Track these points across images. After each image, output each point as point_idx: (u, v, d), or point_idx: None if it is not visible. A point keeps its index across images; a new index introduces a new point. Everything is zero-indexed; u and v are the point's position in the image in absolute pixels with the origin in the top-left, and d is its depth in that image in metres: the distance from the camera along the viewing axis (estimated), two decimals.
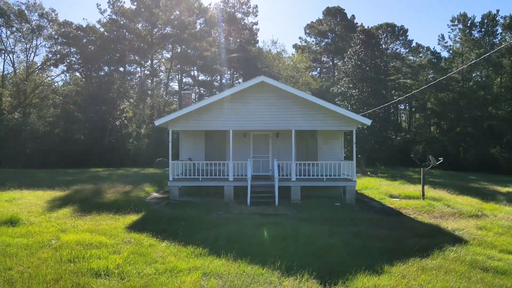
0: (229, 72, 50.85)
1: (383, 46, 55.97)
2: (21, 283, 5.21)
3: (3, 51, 40.20)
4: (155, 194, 14.88)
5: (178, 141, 16.54)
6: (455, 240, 8.25)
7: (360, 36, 29.26)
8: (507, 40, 43.97)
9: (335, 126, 13.81)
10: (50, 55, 38.94)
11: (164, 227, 8.75)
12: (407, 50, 55.54)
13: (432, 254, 7.05)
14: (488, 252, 7.42)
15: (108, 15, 47.44)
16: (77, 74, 45.54)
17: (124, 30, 45.60)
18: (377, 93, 28.23)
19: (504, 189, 19.41)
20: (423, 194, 14.21)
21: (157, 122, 13.33)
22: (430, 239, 8.17)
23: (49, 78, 44.66)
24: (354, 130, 13.73)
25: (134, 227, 8.72)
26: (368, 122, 13.41)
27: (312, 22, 55.39)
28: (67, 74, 46.12)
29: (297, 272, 5.93)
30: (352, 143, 14.03)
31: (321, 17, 54.20)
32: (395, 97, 27.25)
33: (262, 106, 13.44)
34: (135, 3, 47.41)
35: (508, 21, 43.10)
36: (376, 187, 17.14)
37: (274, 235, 8.29)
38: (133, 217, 9.84)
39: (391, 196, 14.92)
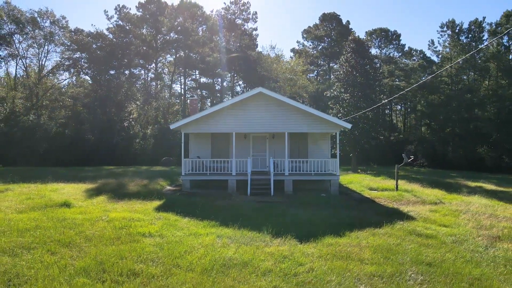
0: (229, 75, 53.35)
1: (378, 50, 58.57)
2: (94, 239, 7.70)
3: (16, 57, 42.70)
4: (168, 187, 17.34)
5: (186, 142, 18.95)
6: (407, 218, 10.77)
7: (351, 45, 31.76)
8: (494, 45, 46.48)
9: (321, 129, 16.30)
10: (63, 61, 41.36)
11: (183, 209, 11.21)
12: (400, 54, 58.03)
13: (383, 226, 9.56)
14: (427, 225, 9.94)
15: (115, 21, 49.96)
16: (86, 77, 48.16)
17: (130, 35, 48.08)
18: (367, 97, 30.70)
19: (473, 184, 21.93)
20: (397, 187, 16.72)
21: (172, 126, 15.82)
22: (388, 217, 10.68)
23: (57, 80, 47.24)
24: (338, 133, 16.24)
25: (160, 209, 11.23)
26: (348, 126, 15.92)
27: (309, 27, 57.86)
28: (74, 77, 48.63)
29: (283, 235, 8.43)
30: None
31: (317, 22, 56.63)
32: (383, 101, 29.68)
33: (260, 112, 15.92)
34: (140, 10, 49.90)
35: (494, 27, 45.60)
36: (360, 182, 19.65)
37: (268, 214, 10.80)
38: (157, 203, 12.34)
39: (371, 189, 17.43)
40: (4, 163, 32.70)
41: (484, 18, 45.43)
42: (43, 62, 44.67)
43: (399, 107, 62.11)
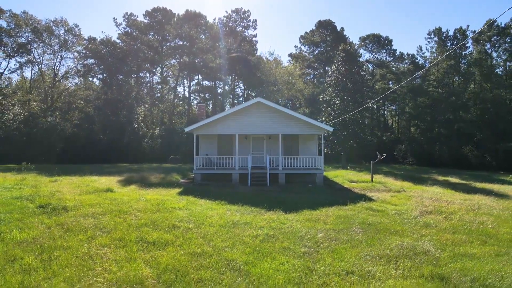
0: (230, 78, 56.71)
1: (371, 54, 61.88)
2: (142, 210, 11.07)
3: (34, 63, 46.10)
4: (182, 180, 20.72)
5: (196, 142, 22.28)
6: (369, 200, 14.17)
7: (341, 54, 35.13)
8: (477, 52, 49.85)
9: (309, 132, 19.68)
10: (78, 67, 44.79)
11: (198, 194, 14.59)
12: (392, 58, 61.36)
13: (348, 204, 12.96)
14: (382, 204, 13.33)
15: (123, 27, 53.46)
16: (95, 80, 51.61)
17: (138, 42, 51.47)
18: (355, 101, 34.07)
19: (442, 178, 25.29)
20: (372, 179, 20.11)
21: (187, 129, 19.20)
22: (355, 200, 14.08)
23: (71, 84, 50.68)
24: (323, 135, 19.62)
25: (181, 193, 14.63)
26: (330, 129, 19.31)
27: (305, 32, 61.16)
28: (84, 80, 52.00)
29: (274, 209, 11.82)
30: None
31: (314, 28, 59.94)
32: (368, 104, 33.01)
33: (259, 118, 19.31)
34: (147, 18, 53.27)
35: (477, 35, 48.97)
36: (344, 176, 23.05)
37: (264, 198, 14.20)
38: (177, 190, 15.74)
39: (351, 181, 20.82)
40: (25, 161, 36.06)
41: (468, 26, 48.83)
42: (57, 67, 48.17)
43: (394, 107, 65.57)
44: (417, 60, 56.39)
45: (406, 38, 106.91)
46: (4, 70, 43.03)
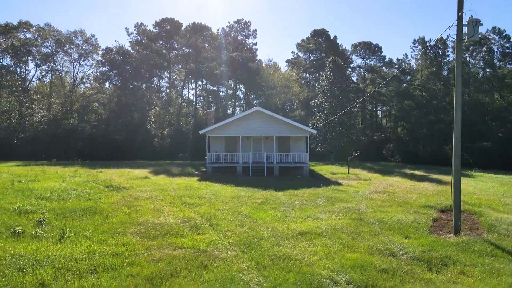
0: (231, 81, 61.69)
1: (362, 60, 66.84)
2: (177, 189, 16.09)
3: (55, 70, 51.13)
4: (196, 172, 25.71)
5: (207, 142, 27.24)
6: (339, 184, 19.19)
7: (331, 65, 40.14)
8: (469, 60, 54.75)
9: (297, 134, 24.68)
10: (97, 73, 49.88)
11: (213, 181, 19.58)
12: (381, 64, 66.32)
13: (322, 187, 17.98)
14: (347, 187, 18.35)
15: (134, 36, 58.42)
16: (106, 85, 56.64)
17: (148, 50, 56.43)
18: (343, 106, 39.05)
19: (409, 171, 30.28)
20: (348, 171, 25.11)
21: (201, 132, 24.19)
22: (328, 184, 19.09)
23: (87, 89, 55.69)
24: (308, 136, 24.64)
25: (199, 180, 19.65)
26: (314, 131, 24.34)
27: (302, 40, 66.10)
28: (100, 85, 57.03)
29: (268, 189, 16.84)
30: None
31: (309, 36, 64.89)
32: (354, 108, 37.98)
33: (258, 122, 24.30)
34: (157, 28, 58.20)
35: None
36: (327, 169, 28.05)
37: (261, 183, 19.21)
38: (195, 178, 20.77)
39: (332, 173, 25.83)
40: (51, 158, 41.04)
41: (448, 36, 53.51)
42: (76, 74, 53.21)
43: (387, 108, 70.53)
44: (403, 66, 61.29)
45: (395, 44, 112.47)
46: (32, 77, 47.98)
